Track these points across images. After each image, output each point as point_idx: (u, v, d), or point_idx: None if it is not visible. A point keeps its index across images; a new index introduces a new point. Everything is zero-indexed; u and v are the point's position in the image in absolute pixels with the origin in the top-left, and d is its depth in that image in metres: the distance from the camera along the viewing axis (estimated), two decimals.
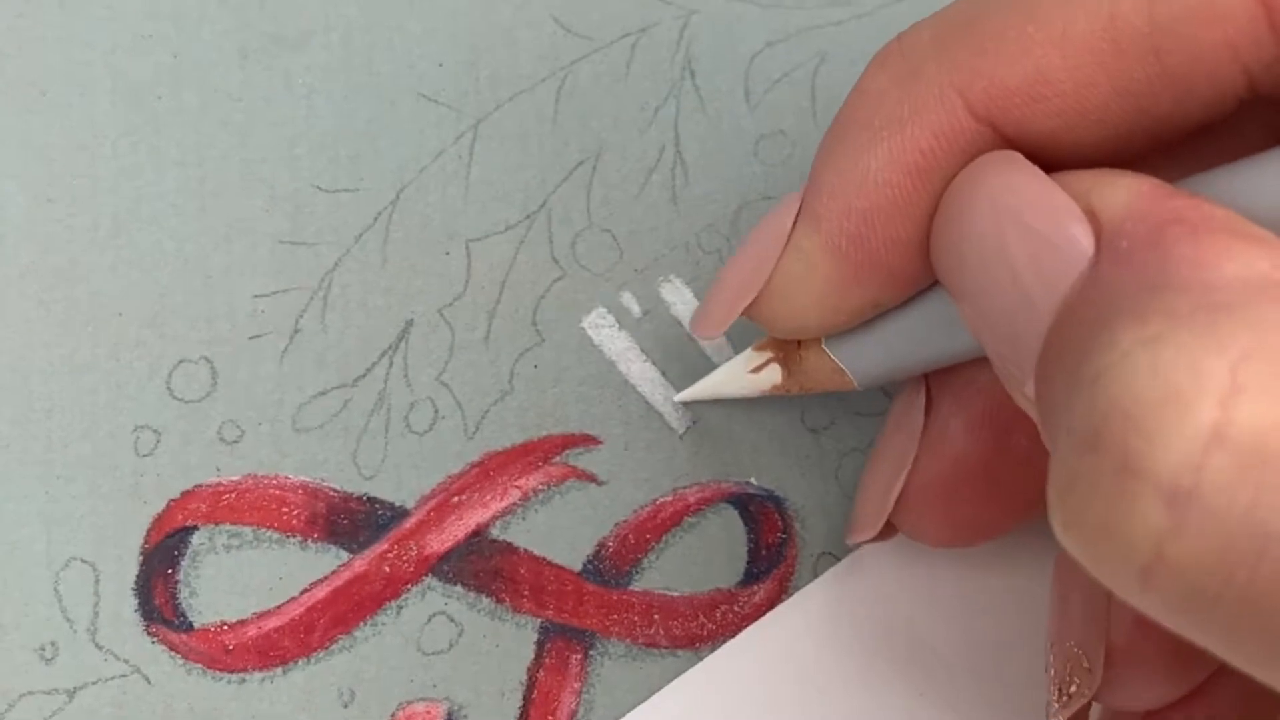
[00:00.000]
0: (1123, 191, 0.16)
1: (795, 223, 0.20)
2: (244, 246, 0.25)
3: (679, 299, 0.25)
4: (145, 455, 0.24)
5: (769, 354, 0.23)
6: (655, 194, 0.26)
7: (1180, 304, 0.14)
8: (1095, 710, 0.22)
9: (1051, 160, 0.19)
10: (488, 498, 0.24)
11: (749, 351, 0.23)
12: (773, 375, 0.23)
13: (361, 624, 0.24)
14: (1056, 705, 0.21)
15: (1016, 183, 0.18)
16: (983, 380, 0.21)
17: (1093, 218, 0.16)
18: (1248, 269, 0.14)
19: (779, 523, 0.25)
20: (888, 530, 0.23)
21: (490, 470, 0.24)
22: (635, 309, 0.25)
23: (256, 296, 0.25)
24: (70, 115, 0.25)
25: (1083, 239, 0.16)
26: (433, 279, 0.25)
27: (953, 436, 0.22)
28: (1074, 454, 0.14)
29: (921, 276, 0.20)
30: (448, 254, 0.25)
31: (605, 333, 0.25)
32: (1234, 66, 0.17)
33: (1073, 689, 0.21)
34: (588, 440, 0.25)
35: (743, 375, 0.23)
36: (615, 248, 0.26)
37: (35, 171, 0.25)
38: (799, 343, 0.22)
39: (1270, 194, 0.17)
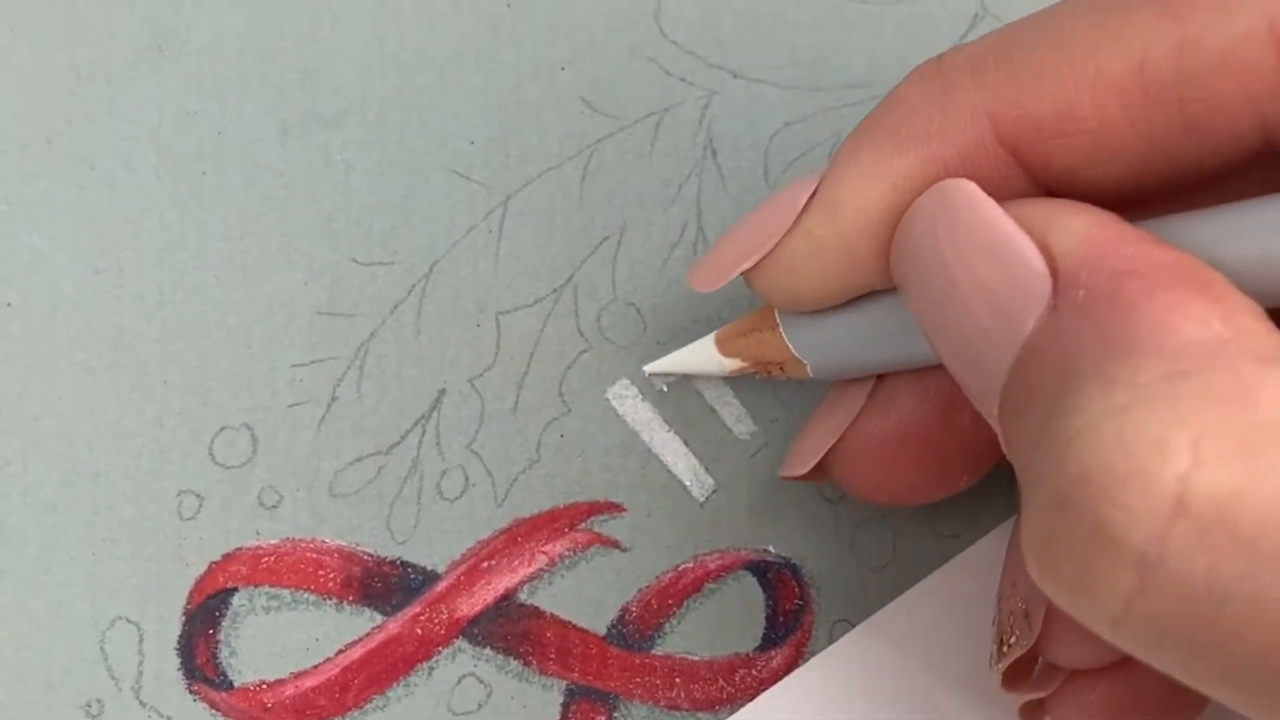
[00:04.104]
0: (1077, 229, 0.17)
1: (808, 205, 0.21)
2: (283, 317, 0.26)
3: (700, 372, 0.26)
4: (188, 519, 0.25)
5: (739, 360, 0.24)
6: (678, 269, 0.27)
7: (1143, 373, 0.15)
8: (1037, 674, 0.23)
9: (1070, 192, 0.19)
10: (516, 563, 0.25)
11: (712, 338, 0.25)
12: (735, 361, 0.24)
13: (394, 684, 0.25)
14: (996, 656, 0.22)
15: (970, 209, 0.18)
16: None
17: (1048, 254, 0.17)
18: (1203, 330, 0.15)
19: (796, 590, 0.26)
20: (818, 473, 0.24)
21: (518, 536, 0.25)
22: (658, 380, 0.26)
23: (295, 366, 0.26)
24: (118, 190, 0.26)
25: (1039, 271, 0.17)
26: (464, 350, 0.26)
27: (900, 400, 0.23)
28: (1047, 511, 0.16)
29: None
30: (478, 326, 0.26)
31: (629, 403, 0.26)
32: (1252, 119, 0.18)
33: (1012, 640, 0.22)
34: (612, 508, 0.26)
35: (710, 353, 0.24)
36: (639, 321, 0.27)
37: (84, 244, 0.26)
38: (764, 334, 0.24)
39: (1238, 244, 0.18)
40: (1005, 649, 0.22)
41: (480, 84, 0.27)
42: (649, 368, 0.26)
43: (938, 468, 0.23)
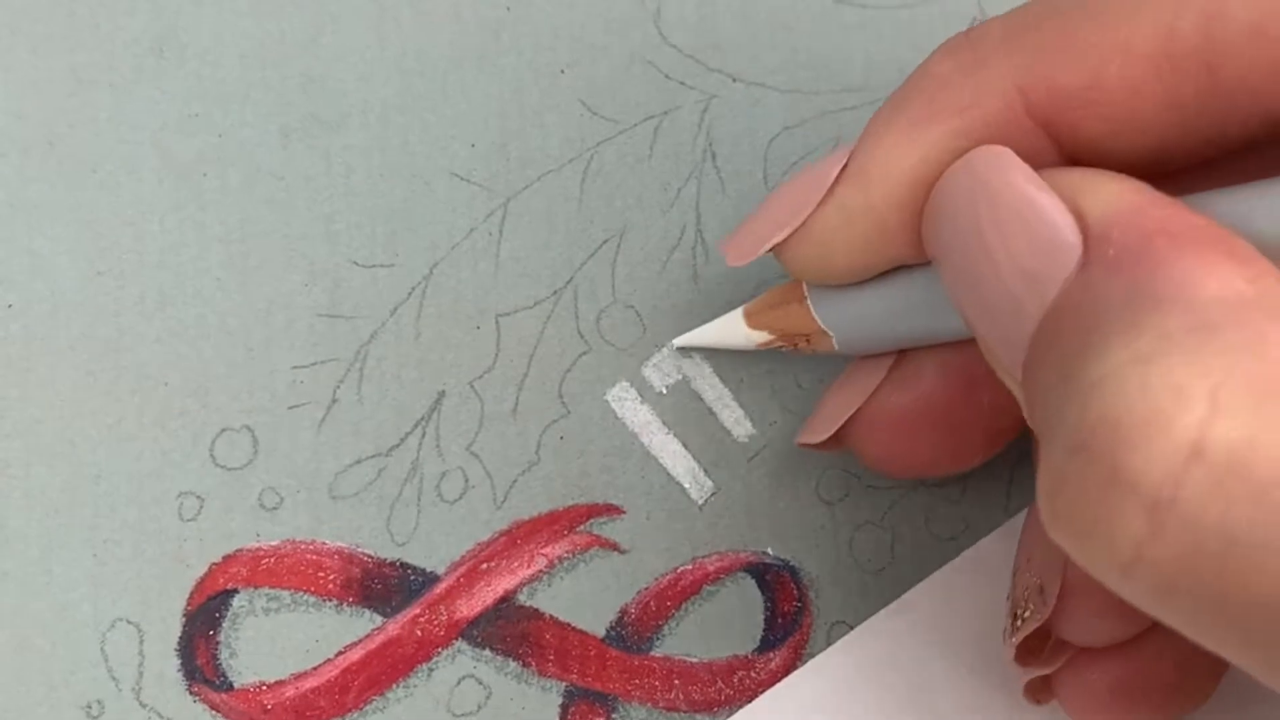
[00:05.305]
0: (1109, 194, 0.18)
1: (839, 178, 0.21)
2: (284, 319, 0.26)
3: (699, 374, 0.26)
4: (189, 520, 0.25)
5: (766, 333, 0.24)
6: (677, 272, 0.27)
7: (1167, 324, 0.15)
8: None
9: (1099, 164, 0.20)
10: (515, 565, 0.25)
11: (740, 311, 0.25)
12: (762, 334, 0.25)
13: (394, 686, 0.25)
14: (1010, 631, 0.22)
15: (1005, 177, 0.18)
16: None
17: (1080, 218, 0.17)
18: (1227, 287, 0.16)
19: (794, 592, 0.26)
20: (835, 443, 0.24)
21: (518, 538, 0.26)
22: (657, 383, 0.26)
23: (296, 368, 0.26)
24: (119, 192, 0.26)
25: (1070, 238, 0.17)
26: (464, 352, 0.26)
27: (924, 374, 0.23)
28: (1064, 457, 0.16)
29: None
30: (478, 328, 0.26)
31: (628, 405, 0.26)
32: (1279, 88, 0.18)
33: (1026, 614, 0.22)
34: (611, 510, 0.26)
35: (739, 326, 0.25)
36: (638, 323, 0.27)
37: (85, 246, 0.26)
38: (791, 306, 0.24)
39: (1263, 219, 0.18)
40: (1019, 623, 0.22)
41: (481, 87, 0.27)
42: (678, 341, 0.26)
43: (956, 443, 0.24)
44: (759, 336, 0.25)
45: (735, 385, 0.26)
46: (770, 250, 0.22)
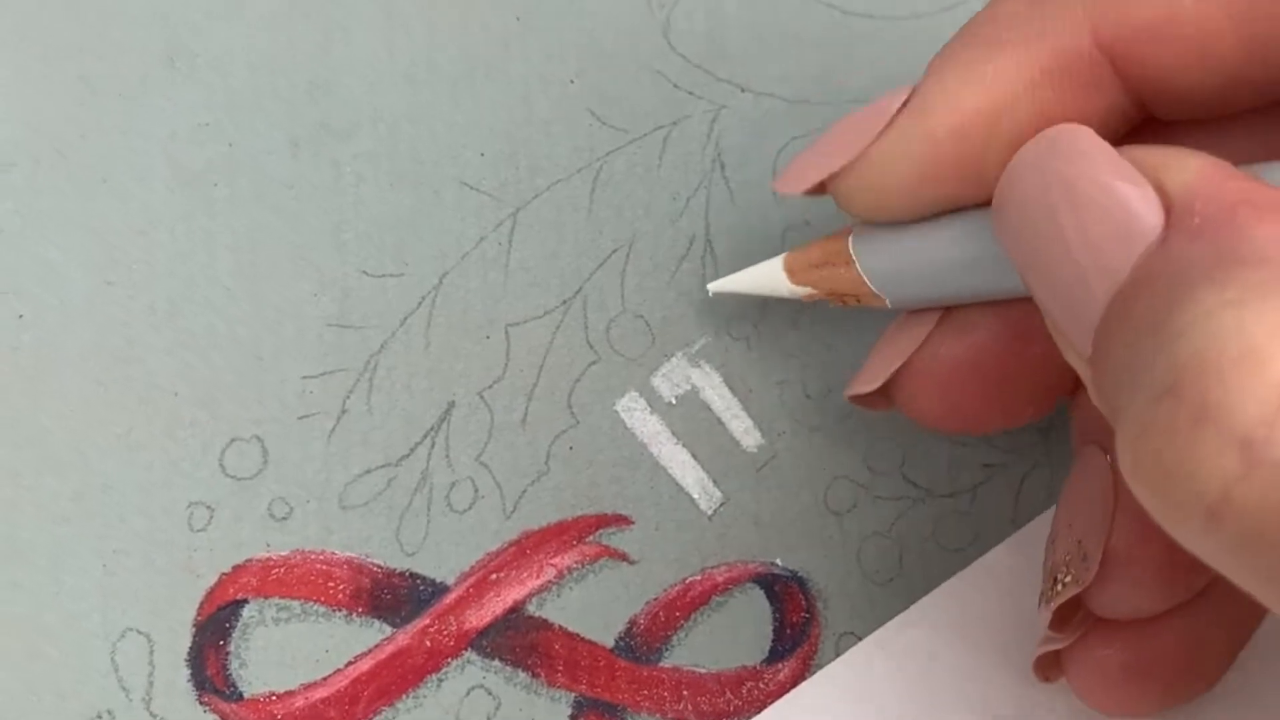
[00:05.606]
0: (1192, 169, 0.17)
1: (901, 110, 0.21)
2: (294, 329, 0.26)
3: (709, 384, 0.27)
4: (199, 530, 0.25)
5: (811, 289, 0.24)
6: (686, 281, 0.27)
7: (1258, 276, 0.15)
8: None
9: (1165, 100, 0.20)
10: (524, 575, 0.25)
11: (780, 262, 0.24)
12: (808, 289, 0.24)
13: (403, 696, 0.25)
14: (1048, 595, 0.22)
15: (1082, 164, 0.18)
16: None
17: (1162, 192, 0.17)
18: None
19: (803, 603, 0.26)
20: (882, 400, 0.24)
21: (527, 548, 0.26)
22: (666, 393, 0.26)
23: (305, 378, 0.26)
24: (129, 202, 0.26)
25: (1151, 221, 0.17)
26: (473, 362, 0.26)
27: (977, 325, 0.23)
28: (1149, 406, 0.15)
29: None
30: (488, 338, 0.26)
31: (637, 416, 0.26)
32: None
33: (1067, 579, 0.21)
34: (620, 520, 0.26)
35: (779, 279, 0.24)
36: (648, 333, 0.27)
37: (95, 256, 0.26)
38: (838, 269, 0.23)
39: None
40: (1060, 588, 0.22)
41: (490, 97, 0.27)
42: (713, 286, 0.25)
43: (1006, 397, 0.23)
44: (803, 291, 0.24)
45: (744, 395, 0.27)
46: (818, 187, 0.22)
